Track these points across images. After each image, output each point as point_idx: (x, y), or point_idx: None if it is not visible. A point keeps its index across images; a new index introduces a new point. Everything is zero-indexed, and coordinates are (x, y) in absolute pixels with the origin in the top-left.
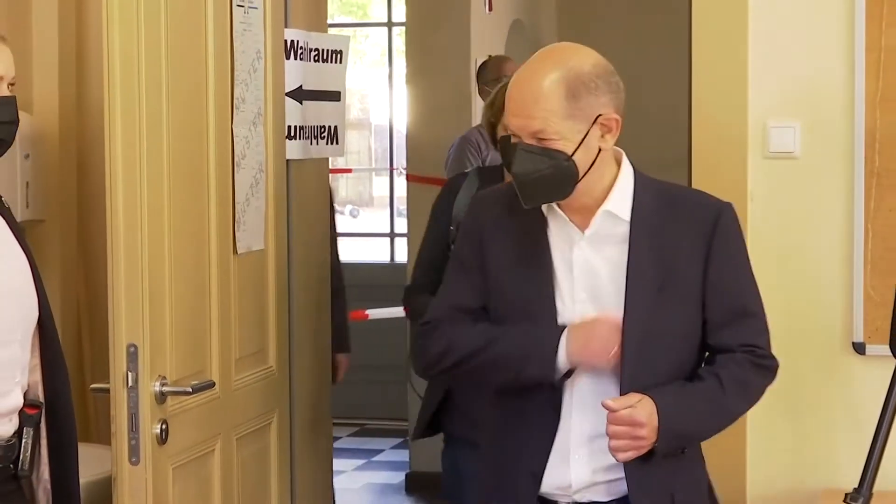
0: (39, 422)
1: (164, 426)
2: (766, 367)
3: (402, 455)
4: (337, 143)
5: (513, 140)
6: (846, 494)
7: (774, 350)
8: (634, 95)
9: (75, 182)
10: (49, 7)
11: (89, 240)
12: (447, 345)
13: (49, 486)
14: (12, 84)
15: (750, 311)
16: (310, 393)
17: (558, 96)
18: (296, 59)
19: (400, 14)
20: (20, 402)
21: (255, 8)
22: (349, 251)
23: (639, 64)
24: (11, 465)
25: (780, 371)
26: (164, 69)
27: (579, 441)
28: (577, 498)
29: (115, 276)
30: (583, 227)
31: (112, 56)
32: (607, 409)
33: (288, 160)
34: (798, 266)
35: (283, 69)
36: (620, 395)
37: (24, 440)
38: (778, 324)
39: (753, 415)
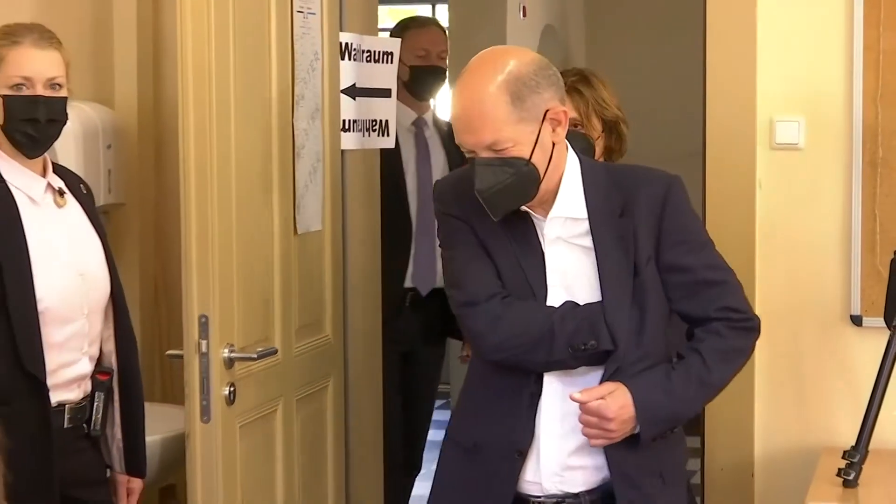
0: (111, 387)
1: (231, 388)
2: (747, 328)
3: (445, 415)
4: (387, 135)
5: (467, 156)
6: (844, 452)
7: (780, 323)
8: (654, 93)
9: (152, 169)
10: (128, 14)
11: (165, 221)
12: (519, 325)
13: (121, 444)
14: (58, 85)
15: (714, 279)
16: (362, 359)
17: (503, 103)
18: (350, 59)
19: (443, 20)
20: (88, 369)
21: (314, 14)
22: None
23: (659, 65)
24: (84, 426)
25: (784, 342)
26: (231, 69)
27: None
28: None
29: (188, 253)
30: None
31: (185, 57)
32: (575, 402)
33: (343, 150)
34: (801, 246)
35: (338, 69)
36: (602, 383)
37: (95, 403)
38: (783, 298)
39: (760, 380)
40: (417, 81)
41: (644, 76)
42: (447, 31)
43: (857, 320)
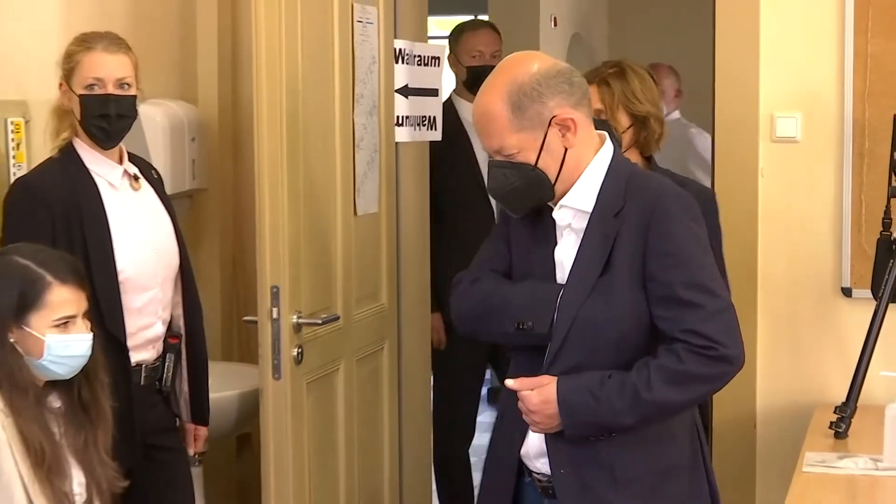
0: (180, 349)
1: (299, 350)
2: (710, 357)
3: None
4: (436, 129)
5: (489, 158)
6: (836, 407)
7: (779, 294)
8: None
9: (231, 159)
10: (210, 24)
11: (241, 204)
12: (477, 296)
13: (188, 398)
14: (127, 84)
15: (690, 300)
16: (413, 325)
17: (504, 112)
18: (402, 63)
19: None
20: (162, 332)
21: (371, 23)
22: None
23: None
24: (157, 382)
25: (783, 310)
26: (299, 71)
27: None
28: (532, 467)
29: (261, 231)
30: None
31: (259, 62)
32: (508, 388)
33: (397, 143)
34: (798, 227)
35: (392, 71)
36: (542, 373)
37: (166, 363)
38: (782, 273)
39: (762, 344)
40: (473, 80)
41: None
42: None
43: (847, 292)
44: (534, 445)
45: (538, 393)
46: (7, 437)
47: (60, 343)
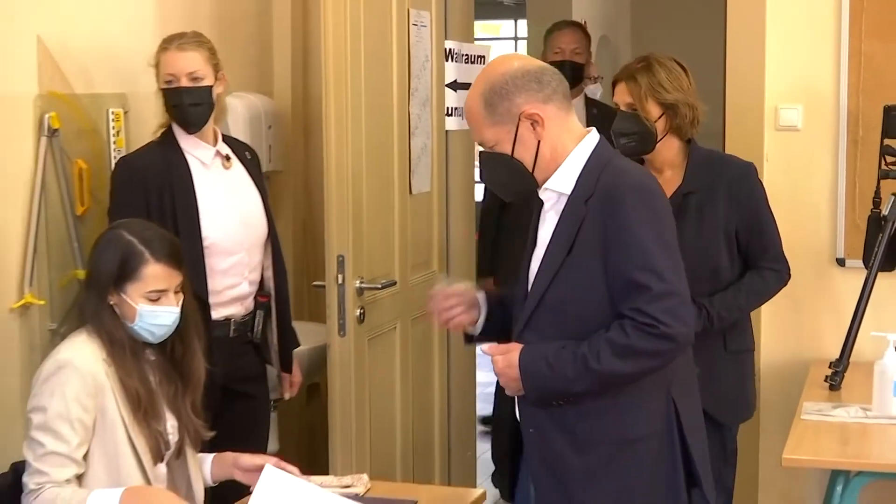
0: (269, 306)
1: (361, 311)
2: (652, 334)
3: None
4: None
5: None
6: (830, 363)
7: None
8: None
9: (302, 144)
10: (284, 26)
11: (312, 184)
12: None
13: (277, 349)
14: (198, 77)
15: (640, 282)
16: None
17: (479, 109)
18: (452, 61)
19: (522, 31)
20: (248, 291)
21: (425, 26)
22: None
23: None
24: (249, 333)
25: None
26: (362, 68)
27: None
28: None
29: (329, 208)
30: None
31: (327, 60)
32: (483, 352)
33: (447, 131)
34: (799, 205)
35: (443, 68)
36: (513, 341)
37: (256, 318)
38: (785, 246)
39: (766, 308)
40: None
41: None
42: (527, 42)
43: (841, 262)
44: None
45: (504, 358)
46: (110, 384)
47: (150, 313)
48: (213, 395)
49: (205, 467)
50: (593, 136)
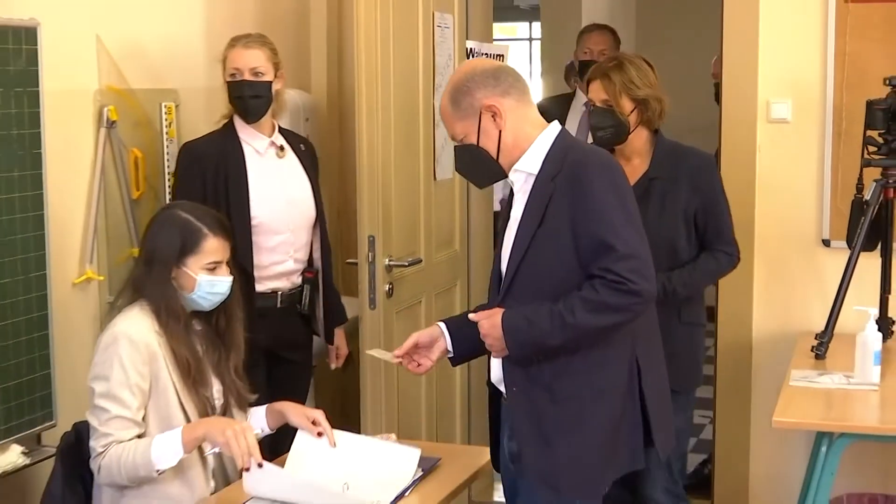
0: (316, 281)
1: (390, 286)
2: (620, 290)
3: None
4: None
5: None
6: (816, 335)
7: (772, 245)
8: (685, 80)
9: (337, 135)
10: (320, 26)
11: (346, 171)
12: None
13: (323, 320)
14: (260, 73)
15: (607, 244)
16: (479, 267)
17: (447, 107)
18: (472, 59)
19: (536, 32)
20: (293, 268)
21: (448, 27)
22: None
23: (688, 60)
24: (297, 305)
25: (775, 258)
26: (391, 66)
27: None
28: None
29: (361, 192)
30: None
31: (360, 57)
32: (470, 320)
33: None
34: (788, 191)
35: None
36: (496, 307)
37: (304, 292)
38: (775, 228)
39: (757, 284)
40: (582, 71)
41: (676, 67)
42: (541, 42)
43: (826, 243)
44: (496, 371)
45: (489, 321)
46: (162, 353)
47: (208, 282)
48: (255, 361)
49: (260, 419)
50: (555, 126)
